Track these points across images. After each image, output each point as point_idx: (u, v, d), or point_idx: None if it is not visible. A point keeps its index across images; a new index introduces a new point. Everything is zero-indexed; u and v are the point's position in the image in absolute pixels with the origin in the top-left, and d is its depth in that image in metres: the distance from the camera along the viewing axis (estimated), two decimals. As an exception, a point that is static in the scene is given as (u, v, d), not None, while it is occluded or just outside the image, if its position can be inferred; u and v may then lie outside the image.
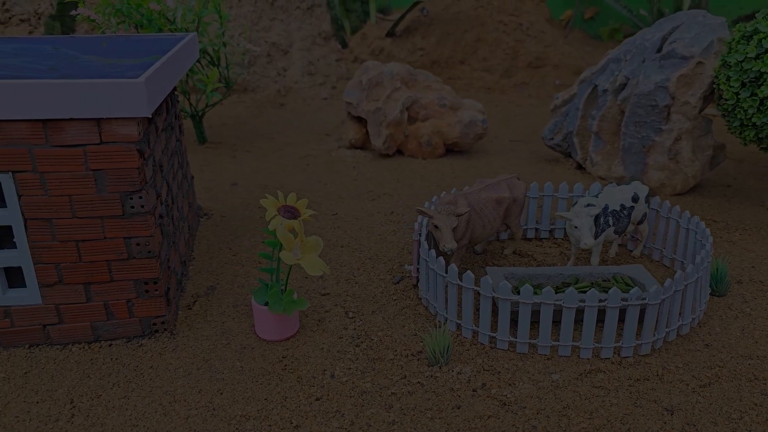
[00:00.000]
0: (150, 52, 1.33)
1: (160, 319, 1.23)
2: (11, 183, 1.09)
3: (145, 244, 1.16)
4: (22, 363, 1.16)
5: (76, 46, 1.42)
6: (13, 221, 1.12)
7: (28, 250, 1.14)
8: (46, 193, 1.10)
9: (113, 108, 1.05)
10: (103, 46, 1.41)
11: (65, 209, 1.12)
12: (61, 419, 1.03)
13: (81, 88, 1.03)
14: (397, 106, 2.22)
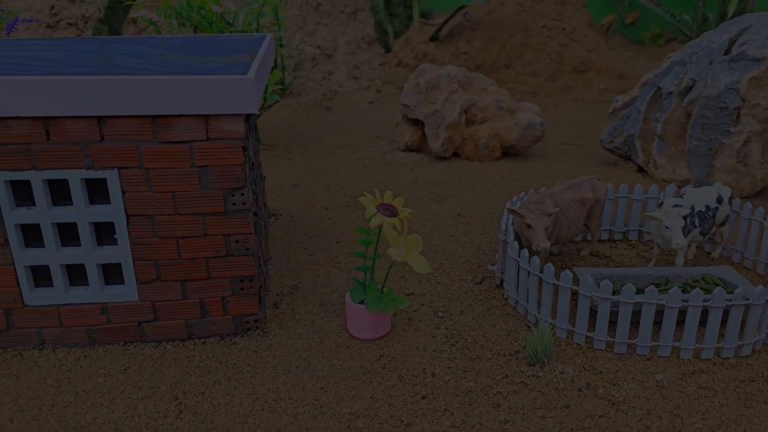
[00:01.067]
0: (234, 51, 1.33)
1: (253, 317, 1.23)
2: (116, 179, 1.09)
3: (244, 241, 1.16)
4: (119, 360, 1.16)
5: (158, 45, 1.42)
6: (116, 218, 1.12)
7: (128, 247, 1.14)
8: (150, 190, 1.10)
9: (222, 104, 1.05)
10: (185, 46, 1.42)
11: (168, 206, 1.12)
12: (169, 416, 1.03)
13: (191, 84, 1.04)
14: (455, 108, 2.22)
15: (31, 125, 1.05)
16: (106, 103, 1.03)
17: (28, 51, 1.33)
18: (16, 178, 1.08)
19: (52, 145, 1.06)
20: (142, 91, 1.03)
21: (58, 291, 1.16)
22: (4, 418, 1.02)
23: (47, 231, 1.12)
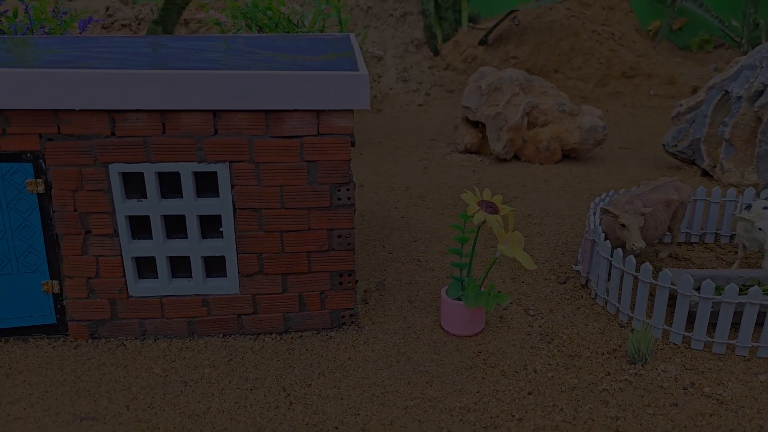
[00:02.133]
0: (321, 50, 1.35)
1: (349, 311, 1.24)
2: (227, 173, 1.11)
3: (346, 236, 1.17)
4: (221, 351, 1.18)
5: (244, 44, 1.44)
6: (223, 211, 1.14)
7: (234, 240, 1.16)
8: (259, 184, 1.12)
9: (336, 100, 1.07)
10: (271, 45, 1.44)
11: (275, 200, 1.13)
12: (281, 407, 1.04)
13: (307, 80, 1.05)
14: (517, 111, 2.22)
15: (149, 118, 1.07)
16: (223, 97, 1.05)
17: (122, 47, 1.35)
18: (130, 170, 1.10)
19: (168, 138, 1.08)
20: (258, 85, 1.05)
21: (162, 282, 1.18)
22: (120, 405, 1.03)
23: (156, 223, 1.14)
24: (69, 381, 1.09)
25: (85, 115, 1.05)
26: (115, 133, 1.07)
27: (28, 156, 1.08)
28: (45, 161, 1.08)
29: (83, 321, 1.18)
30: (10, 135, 1.06)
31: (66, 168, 1.08)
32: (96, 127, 1.06)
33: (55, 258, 1.14)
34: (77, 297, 1.16)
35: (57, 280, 1.16)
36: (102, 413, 1.01)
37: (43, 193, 1.10)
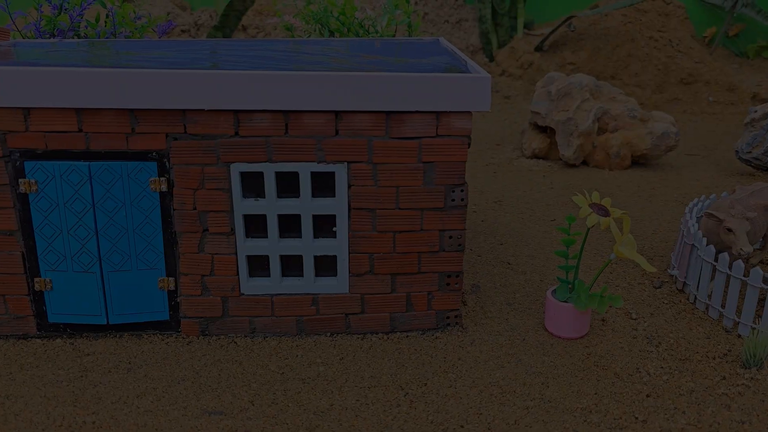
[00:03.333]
0: (424, 53, 1.36)
1: (454, 313, 1.25)
2: (344, 173, 1.12)
3: (457, 237, 1.18)
4: (331, 350, 1.19)
5: (343, 47, 1.46)
6: (338, 211, 1.15)
7: (346, 240, 1.17)
8: (376, 184, 1.13)
9: (456, 101, 1.08)
10: (372, 48, 1.45)
11: (390, 200, 1.14)
12: (402, 405, 1.05)
13: (429, 82, 1.06)
14: (588, 116, 2.22)
15: (273, 119, 1.08)
16: (347, 98, 1.07)
17: (225, 50, 1.38)
18: (250, 170, 1.11)
19: (290, 138, 1.10)
20: (382, 86, 1.06)
21: (273, 281, 1.19)
22: (244, 401, 1.05)
23: (272, 222, 1.15)
24: (189, 376, 1.10)
25: (212, 115, 1.07)
26: (238, 132, 1.09)
27: (153, 155, 1.10)
28: (169, 160, 1.10)
29: (195, 318, 1.20)
30: (138, 134, 1.08)
31: (189, 167, 1.10)
32: (221, 127, 1.08)
33: (172, 255, 1.16)
34: (191, 294, 1.18)
35: (173, 277, 1.18)
36: (228, 408, 1.03)
37: (165, 192, 1.12)
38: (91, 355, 1.16)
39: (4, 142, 1.07)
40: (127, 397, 1.05)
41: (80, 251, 1.13)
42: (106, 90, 1.03)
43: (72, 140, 1.08)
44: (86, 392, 1.06)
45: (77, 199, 1.10)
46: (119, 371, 1.12)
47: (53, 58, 1.23)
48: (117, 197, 1.11)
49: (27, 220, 1.12)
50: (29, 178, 1.09)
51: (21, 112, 1.05)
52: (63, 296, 1.16)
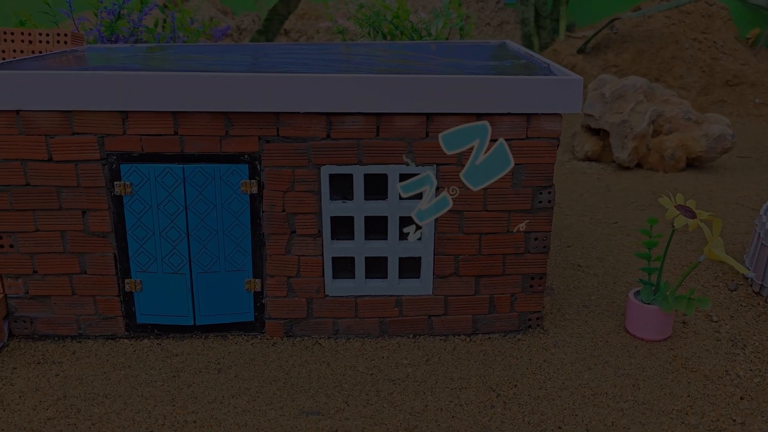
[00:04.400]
0: (499, 56, 1.37)
1: (536, 315, 1.25)
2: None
3: (542, 239, 1.18)
4: (415, 352, 1.20)
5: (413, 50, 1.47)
6: (425, 212, 1.15)
7: (432, 242, 1.17)
8: (464, 186, 1.13)
9: (547, 104, 1.08)
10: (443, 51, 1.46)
11: (478, 202, 1.15)
12: (496, 406, 1.05)
13: (521, 84, 1.07)
14: (643, 118, 2.21)
15: (365, 121, 1.09)
16: (438, 100, 1.07)
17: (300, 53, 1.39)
18: (340, 172, 1.12)
19: (380, 140, 1.10)
20: (474, 89, 1.07)
21: (358, 283, 1.20)
22: (339, 401, 1.06)
23: (359, 224, 1.16)
24: (280, 377, 1.11)
25: (305, 118, 1.08)
26: (330, 135, 1.10)
27: (245, 157, 1.11)
28: (261, 163, 1.11)
29: (280, 319, 1.21)
30: (231, 137, 1.09)
31: (280, 169, 1.12)
32: (313, 130, 1.09)
33: (260, 257, 1.18)
34: (277, 295, 1.19)
35: (259, 278, 1.19)
36: (324, 409, 1.04)
37: (255, 194, 1.13)
38: (180, 356, 1.17)
39: (102, 145, 1.09)
40: (222, 397, 1.06)
41: (171, 253, 1.15)
42: (203, 93, 1.05)
43: (167, 143, 1.09)
44: (182, 392, 1.07)
45: (170, 201, 1.11)
46: (210, 371, 1.13)
47: (141, 62, 1.25)
48: (209, 199, 1.12)
49: (120, 222, 1.13)
50: (124, 180, 1.10)
51: (119, 116, 1.07)
52: (152, 297, 1.18)
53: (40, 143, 1.08)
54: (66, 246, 1.14)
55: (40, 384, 1.08)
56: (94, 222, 1.12)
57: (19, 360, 1.15)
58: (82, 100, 1.04)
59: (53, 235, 1.13)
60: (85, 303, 1.18)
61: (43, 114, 1.06)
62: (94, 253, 1.15)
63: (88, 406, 1.03)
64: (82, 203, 1.11)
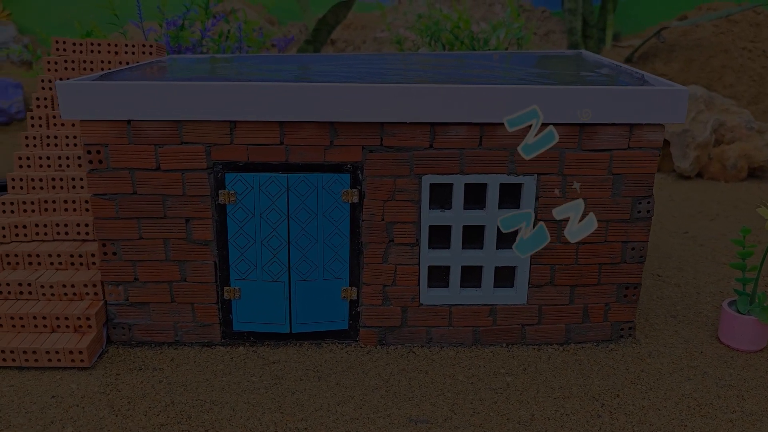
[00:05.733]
0: (584, 66, 1.37)
1: (629, 324, 1.24)
2: (533, 185, 1.13)
3: (639, 248, 1.18)
4: (511, 361, 1.20)
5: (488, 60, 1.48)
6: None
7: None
8: (564, 196, 1.14)
9: (651, 114, 1.08)
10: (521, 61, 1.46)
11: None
12: (603, 416, 1.05)
13: (625, 94, 1.07)
14: (705, 128, 2.20)
15: (468, 131, 1.10)
16: (543, 110, 1.07)
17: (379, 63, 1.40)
18: (440, 181, 1.13)
19: (483, 150, 1.11)
20: (578, 100, 1.07)
21: (452, 291, 1.21)
22: (444, 410, 1.06)
23: (456, 233, 1.17)
24: (381, 385, 1.12)
25: (409, 128, 1.09)
26: (433, 145, 1.11)
27: (347, 167, 1.12)
28: (362, 172, 1.12)
29: (374, 327, 1.22)
30: (335, 146, 1.10)
31: (382, 179, 1.12)
32: (417, 140, 1.10)
33: (357, 266, 1.18)
34: (372, 304, 1.20)
35: (355, 287, 1.20)
36: (431, 417, 1.04)
37: (356, 203, 1.14)
38: (278, 363, 1.18)
39: (209, 154, 1.10)
40: (328, 405, 1.07)
41: (271, 261, 1.16)
42: (311, 103, 1.06)
43: (273, 152, 1.11)
44: (287, 399, 1.08)
45: (273, 210, 1.13)
46: (310, 379, 1.14)
47: (234, 72, 1.27)
48: (310, 208, 1.13)
49: (222, 231, 1.15)
50: (229, 189, 1.12)
51: (227, 126, 1.09)
52: (250, 305, 1.19)
53: (149, 152, 1.09)
54: (168, 254, 1.16)
55: (146, 390, 1.10)
56: (197, 230, 1.14)
57: (120, 366, 1.16)
58: (192, 110, 1.06)
59: (156, 243, 1.15)
60: (183, 310, 1.19)
61: (154, 123, 1.08)
62: (195, 261, 1.16)
63: (197, 413, 1.04)
64: (186, 212, 1.13)
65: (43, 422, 1.01)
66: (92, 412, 1.04)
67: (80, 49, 1.49)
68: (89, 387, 1.10)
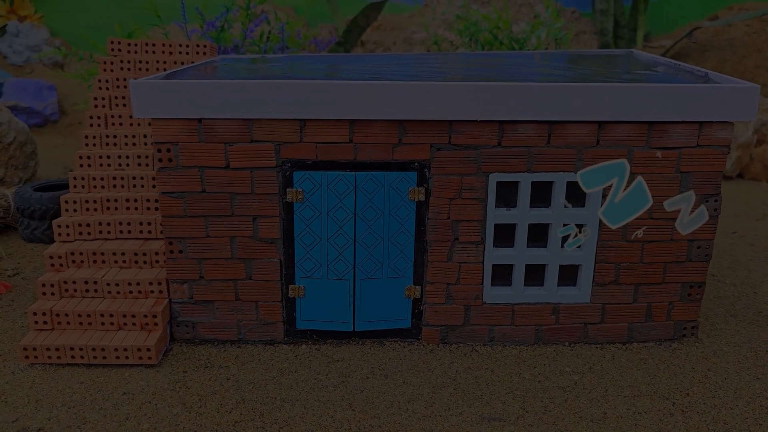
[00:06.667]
0: (639, 64, 1.37)
1: (692, 323, 1.24)
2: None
3: (705, 247, 1.18)
4: (575, 359, 1.20)
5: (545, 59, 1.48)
6: (589, 220, 1.16)
7: (594, 250, 1.17)
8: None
9: (721, 111, 1.08)
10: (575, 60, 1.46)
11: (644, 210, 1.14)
12: (675, 414, 1.05)
13: (695, 92, 1.07)
14: (747, 128, 2.19)
15: (537, 129, 1.10)
16: (610, 108, 1.08)
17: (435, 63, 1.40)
18: (508, 179, 1.13)
19: (551, 148, 1.11)
20: (646, 97, 1.07)
21: (515, 290, 1.21)
22: (516, 408, 1.06)
23: (521, 231, 1.17)
24: (448, 383, 1.12)
25: (478, 126, 1.09)
26: (501, 143, 1.11)
27: (415, 165, 1.12)
28: (430, 170, 1.12)
29: (437, 326, 1.22)
30: (404, 145, 1.11)
31: (449, 177, 1.13)
32: (485, 138, 1.10)
33: (421, 264, 1.19)
34: (435, 302, 1.20)
35: (419, 285, 1.20)
36: (503, 414, 1.04)
37: (422, 201, 1.14)
38: (342, 361, 1.18)
39: (278, 152, 1.11)
40: (399, 403, 1.07)
41: (337, 259, 1.16)
42: (381, 101, 1.06)
43: (341, 151, 1.11)
44: (357, 397, 1.08)
45: (340, 208, 1.13)
46: (376, 377, 1.14)
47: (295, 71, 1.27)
48: (377, 206, 1.14)
49: (289, 229, 1.15)
50: (296, 187, 1.12)
51: (298, 124, 1.09)
52: (314, 303, 1.19)
53: (218, 150, 1.10)
54: (234, 252, 1.16)
55: (215, 388, 1.10)
56: (264, 228, 1.14)
57: (186, 364, 1.17)
58: (264, 108, 1.07)
59: (222, 241, 1.16)
60: (246, 308, 1.20)
61: (225, 122, 1.08)
62: (261, 259, 1.17)
63: (269, 410, 1.05)
64: (253, 210, 1.13)
65: (119, 418, 1.02)
66: (165, 409, 1.04)
67: (135, 50, 1.50)
68: (158, 384, 1.11)
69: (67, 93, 3.37)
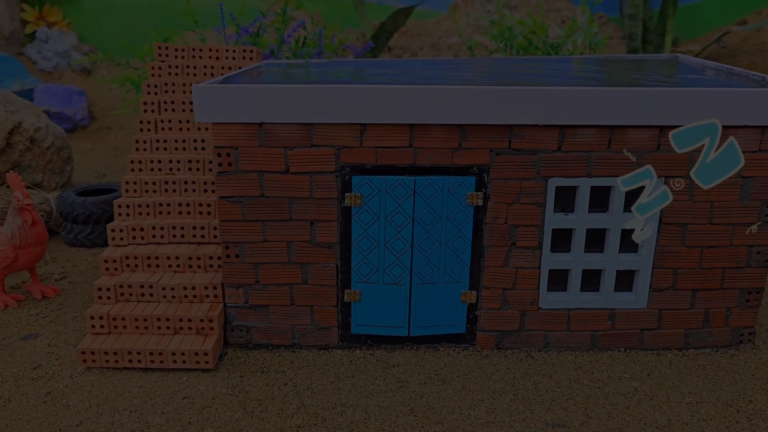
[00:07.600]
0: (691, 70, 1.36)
1: (749, 330, 1.23)
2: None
3: (765, 252, 1.16)
4: (632, 366, 1.19)
5: (589, 64, 1.47)
6: (650, 221, 1.14)
7: (652, 255, 1.16)
8: (690, 199, 1.13)
9: (784, 115, 1.07)
10: (621, 64, 1.45)
11: (703, 215, 1.14)
12: (741, 422, 1.04)
13: (759, 96, 1.06)
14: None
15: (597, 134, 1.09)
16: (671, 112, 1.07)
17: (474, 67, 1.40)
18: (566, 184, 1.12)
19: (611, 153, 1.11)
20: (707, 101, 1.06)
21: (572, 295, 1.20)
22: (578, 414, 1.05)
23: (579, 236, 1.16)
24: (507, 389, 1.11)
25: (538, 131, 1.09)
26: (561, 148, 1.10)
27: (473, 170, 1.12)
28: (488, 175, 1.12)
29: (492, 331, 1.21)
30: (463, 149, 1.10)
31: (508, 182, 1.12)
32: (545, 142, 1.10)
33: (477, 269, 1.18)
34: (491, 308, 1.20)
35: (475, 290, 1.19)
36: (567, 421, 1.03)
37: (480, 206, 1.14)
38: (398, 366, 1.18)
39: (338, 157, 1.11)
40: (460, 409, 1.07)
41: (393, 264, 1.16)
42: (442, 106, 1.06)
43: (400, 155, 1.11)
44: (417, 402, 1.08)
45: (399, 212, 1.13)
46: (434, 382, 1.13)
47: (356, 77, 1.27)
48: (435, 211, 1.13)
49: (346, 233, 1.15)
50: (355, 192, 1.12)
51: (358, 128, 1.09)
52: (369, 308, 1.19)
53: (278, 155, 1.10)
54: (291, 256, 1.16)
55: (273, 392, 1.10)
56: (322, 233, 1.14)
57: (243, 368, 1.17)
58: (325, 112, 1.07)
59: (279, 246, 1.16)
60: (301, 313, 1.20)
61: (285, 126, 1.08)
62: (317, 264, 1.16)
63: (331, 415, 1.04)
64: (311, 214, 1.13)
65: (182, 423, 1.02)
66: (227, 414, 1.04)
67: (182, 55, 1.51)
68: (217, 388, 1.11)
69: (95, 98, 3.39)
